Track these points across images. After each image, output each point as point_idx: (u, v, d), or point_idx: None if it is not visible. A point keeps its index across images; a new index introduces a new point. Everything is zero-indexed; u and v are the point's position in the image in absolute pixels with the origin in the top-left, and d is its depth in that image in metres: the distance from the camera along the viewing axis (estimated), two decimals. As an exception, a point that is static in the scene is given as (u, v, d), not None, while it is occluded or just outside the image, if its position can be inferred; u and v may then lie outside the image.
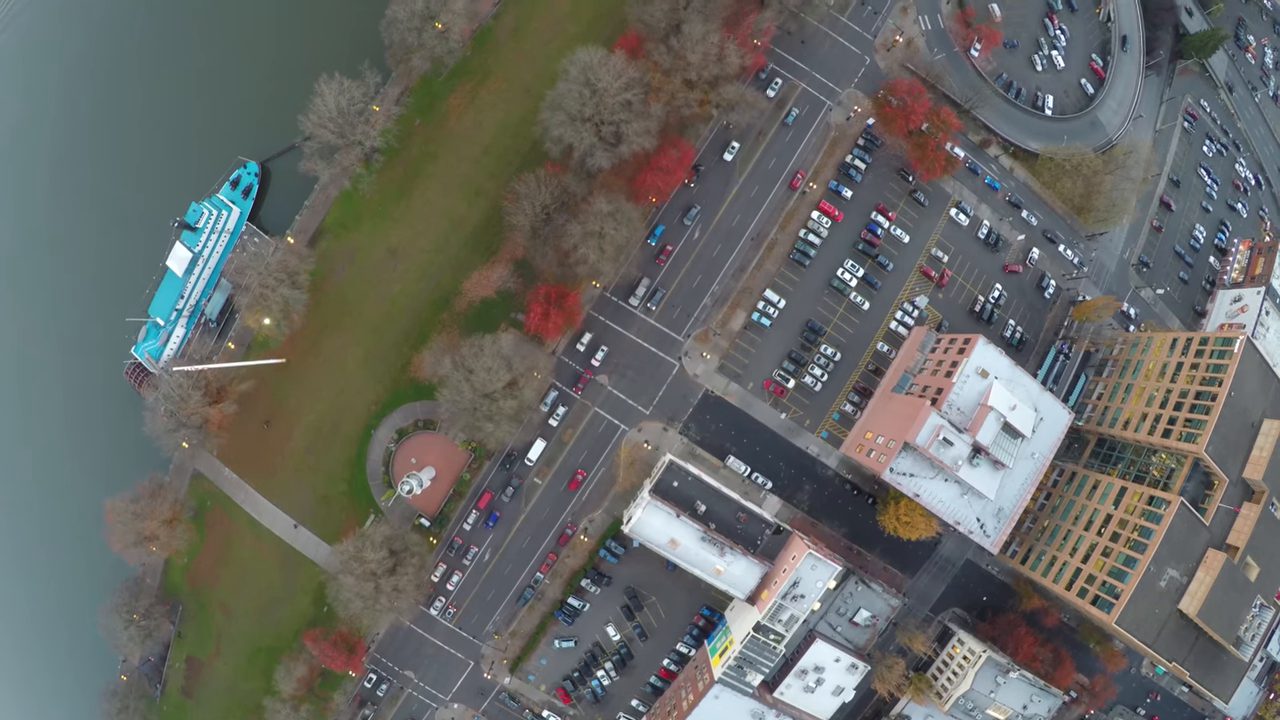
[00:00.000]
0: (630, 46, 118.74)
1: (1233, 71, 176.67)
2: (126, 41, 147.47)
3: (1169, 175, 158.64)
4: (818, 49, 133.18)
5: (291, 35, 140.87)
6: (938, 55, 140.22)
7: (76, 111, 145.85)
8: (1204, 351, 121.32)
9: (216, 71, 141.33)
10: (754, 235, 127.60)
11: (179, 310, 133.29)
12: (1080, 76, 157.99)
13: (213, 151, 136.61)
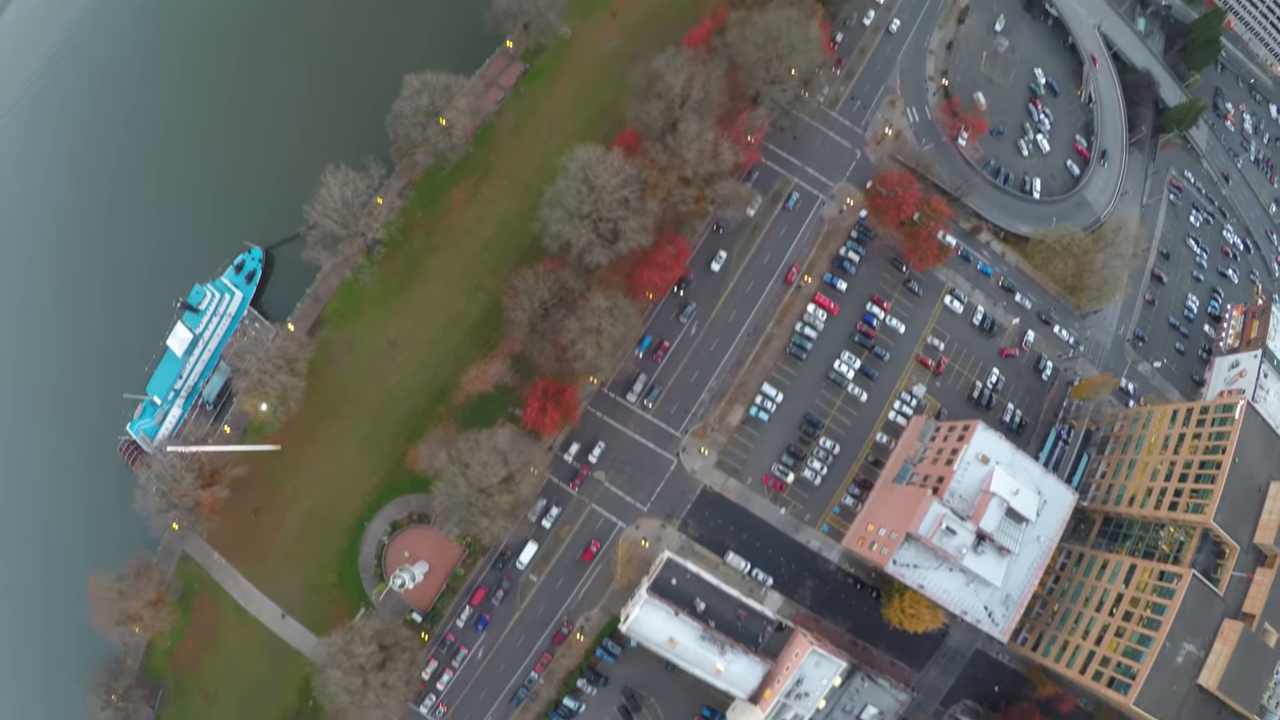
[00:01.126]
0: (628, 144, 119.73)
1: (1214, 140, 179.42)
2: (142, 122, 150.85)
3: (1158, 248, 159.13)
4: (810, 144, 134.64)
5: (300, 127, 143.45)
6: (926, 146, 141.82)
7: (87, 187, 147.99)
8: (1205, 420, 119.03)
9: (227, 157, 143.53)
10: (750, 330, 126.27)
11: (177, 390, 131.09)
12: (1066, 158, 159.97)
13: (219, 235, 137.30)
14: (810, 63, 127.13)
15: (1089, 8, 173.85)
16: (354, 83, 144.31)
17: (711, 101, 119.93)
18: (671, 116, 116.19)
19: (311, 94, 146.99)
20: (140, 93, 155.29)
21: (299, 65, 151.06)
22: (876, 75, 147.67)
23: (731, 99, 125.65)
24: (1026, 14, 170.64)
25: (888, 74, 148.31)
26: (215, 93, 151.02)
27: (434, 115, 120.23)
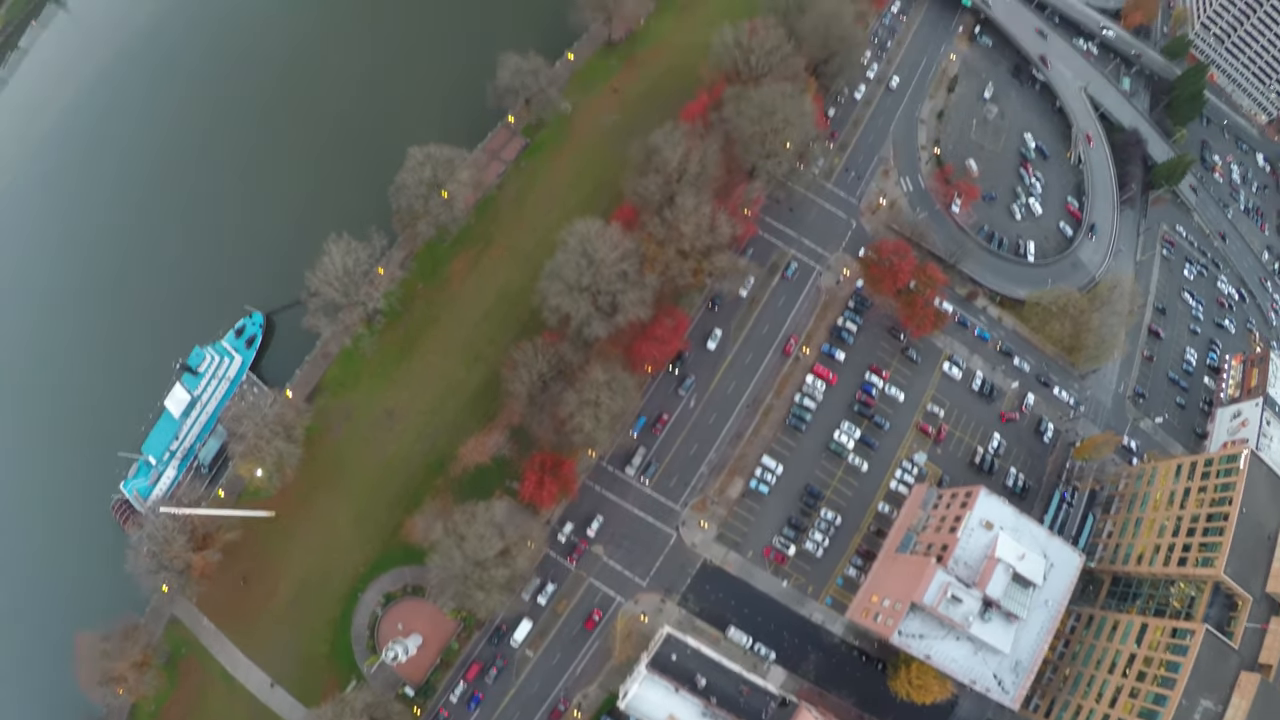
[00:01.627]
0: (626, 218, 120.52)
1: (1203, 193, 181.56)
2: (149, 185, 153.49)
3: (1154, 304, 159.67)
4: (806, 216, 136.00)
5: (305, 195, 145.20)
6: (920, 214, 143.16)
7: (94, 245, 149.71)
8: (1210, 473, 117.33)
9: (231, 223, 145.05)
10: (749, 402, 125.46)
11: (172, 451, 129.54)
12: (1059, 220, 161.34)
13: (220, 298, 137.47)
14: (805, 136, 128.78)
15: (1075, 70, 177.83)
16: (359, 153, 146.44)
17: (708, 175, 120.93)
18: (669, 190, 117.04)
19: (317, 163, 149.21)
20: (149, 156, 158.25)
21: (305, 135, 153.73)
22: (869, 146, 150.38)
23: (728, 173, 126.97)
24: (1014, 80, 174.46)
25: (880, 145, 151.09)
26: (222, 159, 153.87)
27: (436, 187, 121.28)
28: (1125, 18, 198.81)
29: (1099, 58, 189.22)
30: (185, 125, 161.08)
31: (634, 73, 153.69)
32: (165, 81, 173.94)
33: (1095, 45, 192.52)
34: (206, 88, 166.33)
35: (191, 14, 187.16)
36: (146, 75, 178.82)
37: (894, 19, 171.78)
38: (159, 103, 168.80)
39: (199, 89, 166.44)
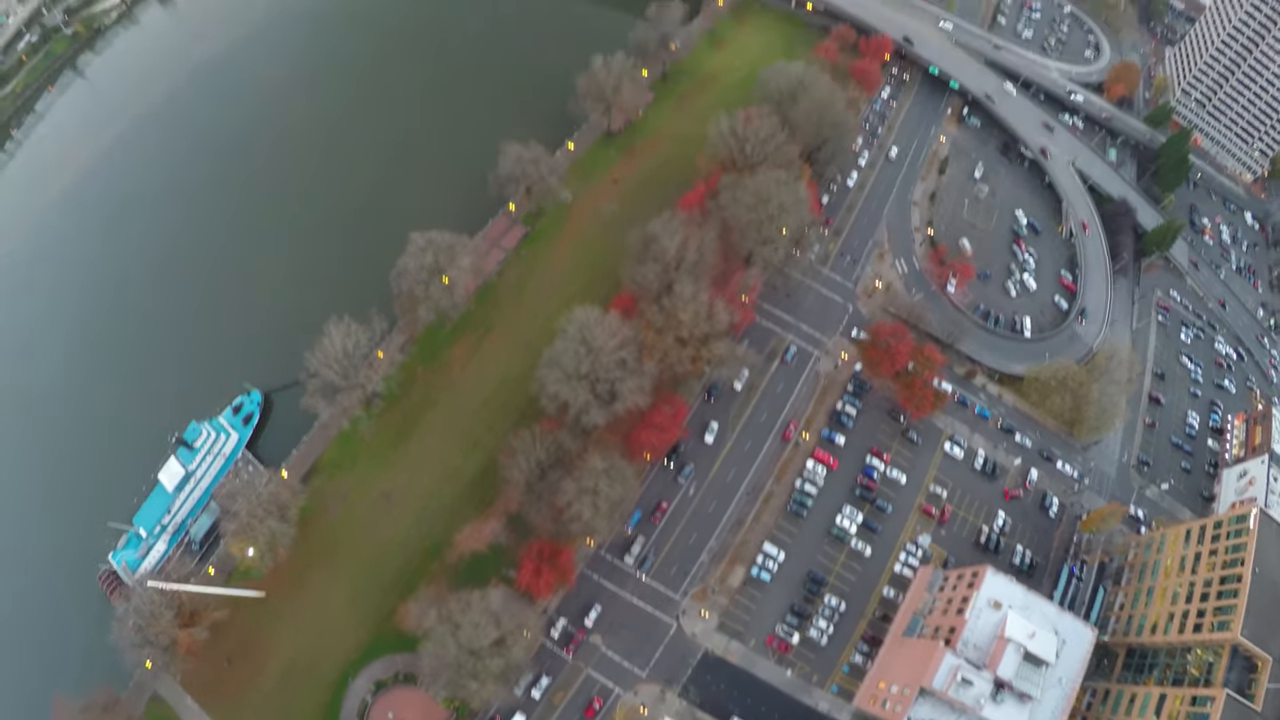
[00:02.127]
0: (625, 306, 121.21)
1: (1195, 256, 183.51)
2: (154, 259, 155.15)
3: (1153, 370, 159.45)
4: (803, 301, 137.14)
5: (308, 275, 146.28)
6: (916, 295, 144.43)
7: (97, 313, 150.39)
8: (1220, 535, 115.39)
9: (233, 300, 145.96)
10: (749, 489, 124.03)
11: (164, 525, 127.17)
12: (1053, 294, 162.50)
13: (219, 375, 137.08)
14: (800, 222, 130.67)
15: (1061, 145, 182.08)
16: (362, 236, 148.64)
17: (706, 263, 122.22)
18: (667, 278, 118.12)
19: (320, 244, 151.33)
20: (156, 229, 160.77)
21: (310, 215, 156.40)
22: (864, 230, 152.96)
23: (725, 260, 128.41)
24: (1003, 158, 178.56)
25: (874, 228, 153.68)
26: (229, 237, 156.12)
27: (437, 273, 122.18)
28: (1108, 90, 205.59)
29: (1084, 131, 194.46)
30: (193, 200, 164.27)
31: (633, 162, 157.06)
32: (176, 156, 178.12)
33: (1080, 119, 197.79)
34: (216, 164, 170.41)
35: (206, 90, 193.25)
36: (158, 149, 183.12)
37: (884, 104, 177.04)
38: (169, 177, 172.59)
39: (209, 165, 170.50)
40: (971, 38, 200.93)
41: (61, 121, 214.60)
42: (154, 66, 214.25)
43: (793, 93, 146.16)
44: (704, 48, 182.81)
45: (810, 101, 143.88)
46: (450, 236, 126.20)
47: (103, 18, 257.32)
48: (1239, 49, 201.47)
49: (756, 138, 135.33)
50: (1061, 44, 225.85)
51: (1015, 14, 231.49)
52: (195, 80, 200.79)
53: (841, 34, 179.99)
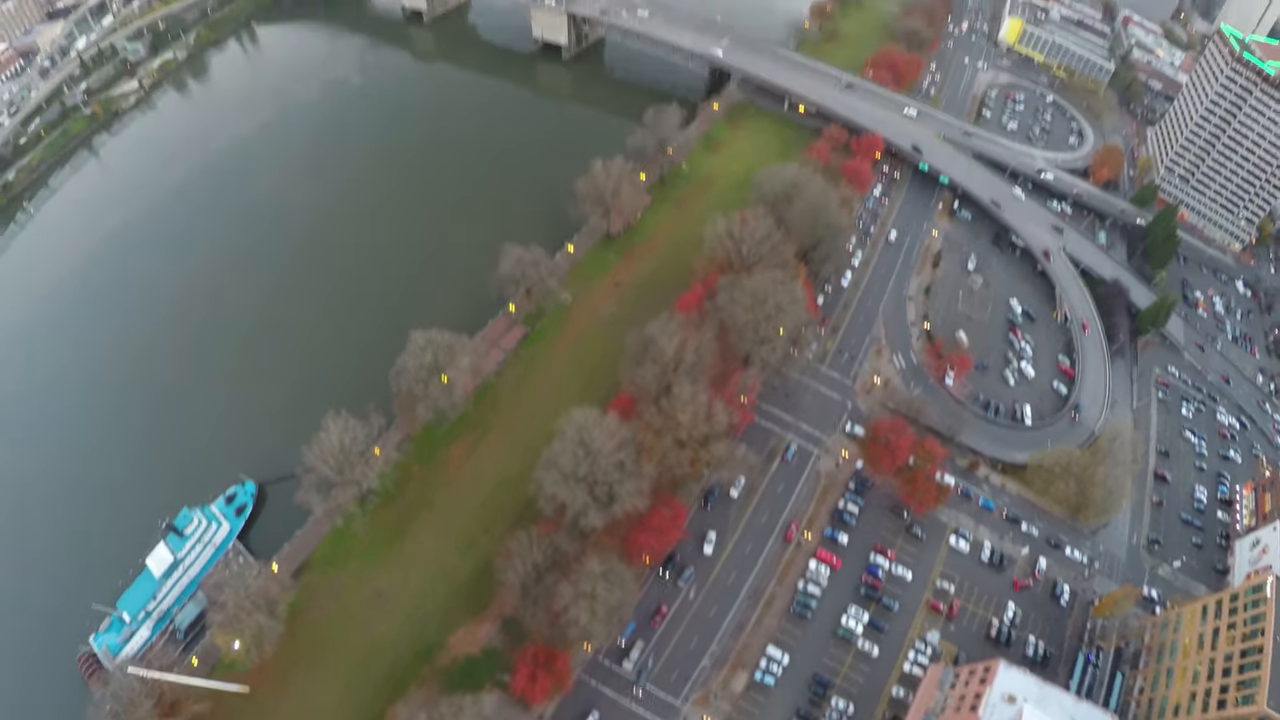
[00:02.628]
0: (624, 407, 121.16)
1: (1189, 330, 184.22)
2: (160, 342, 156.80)
3: (1156, 448, 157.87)
4: (801, 400, 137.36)
5: (307, 369, 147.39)
6: (915, 390, 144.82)
7: (95, 392, 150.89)
8: (1237, 608, 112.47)
9: (232, 390, 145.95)
10: (751, 592, 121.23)
11: (148, 612, 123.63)
12: (1052, 379, 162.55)
13: (214, 463, 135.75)
14: (797, 321, 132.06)
15: (1051, 233, 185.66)
16: (362, 333, 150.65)
17: (704, 364, 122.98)
18: (666, 380, 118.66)
19: (320, 339, 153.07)
20: (161, 314, 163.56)
21: (312, 311, 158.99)
22: (861, 327, 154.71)
23: (723, 361, 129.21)
24: (995, 249, 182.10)
25: (871, 325, 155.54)
26: (230, 326, 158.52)
27: (436, 372, 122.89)
28: (1094, 174, 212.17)
29: (1073, 216, 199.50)
30: (199, 287, 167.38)
31: (631, 265, 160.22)
32: (183, 243, 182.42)
33: (1068, 204, 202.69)
34: (223, 252, 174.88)
35: (217, 181, 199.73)
36: (166, 234, 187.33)
37: (877, 202, 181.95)
38: (175, 262, 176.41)
39: (215, 253, 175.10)
40: (959, 133, 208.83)
41: (73, 199, 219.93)
42: (167, 154, 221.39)
43: (787, 194, 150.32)
44: (700, 152, 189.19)
45: (804, 202, 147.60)
46: (450, 336, 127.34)
47: (121, 101, 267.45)
48: (1217, 122, 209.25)
49: (752, 239, 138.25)
50: (1046, 133, 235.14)
51: (999, 107, 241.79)
52: (207, 170, 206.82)
53: (833, 134, 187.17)
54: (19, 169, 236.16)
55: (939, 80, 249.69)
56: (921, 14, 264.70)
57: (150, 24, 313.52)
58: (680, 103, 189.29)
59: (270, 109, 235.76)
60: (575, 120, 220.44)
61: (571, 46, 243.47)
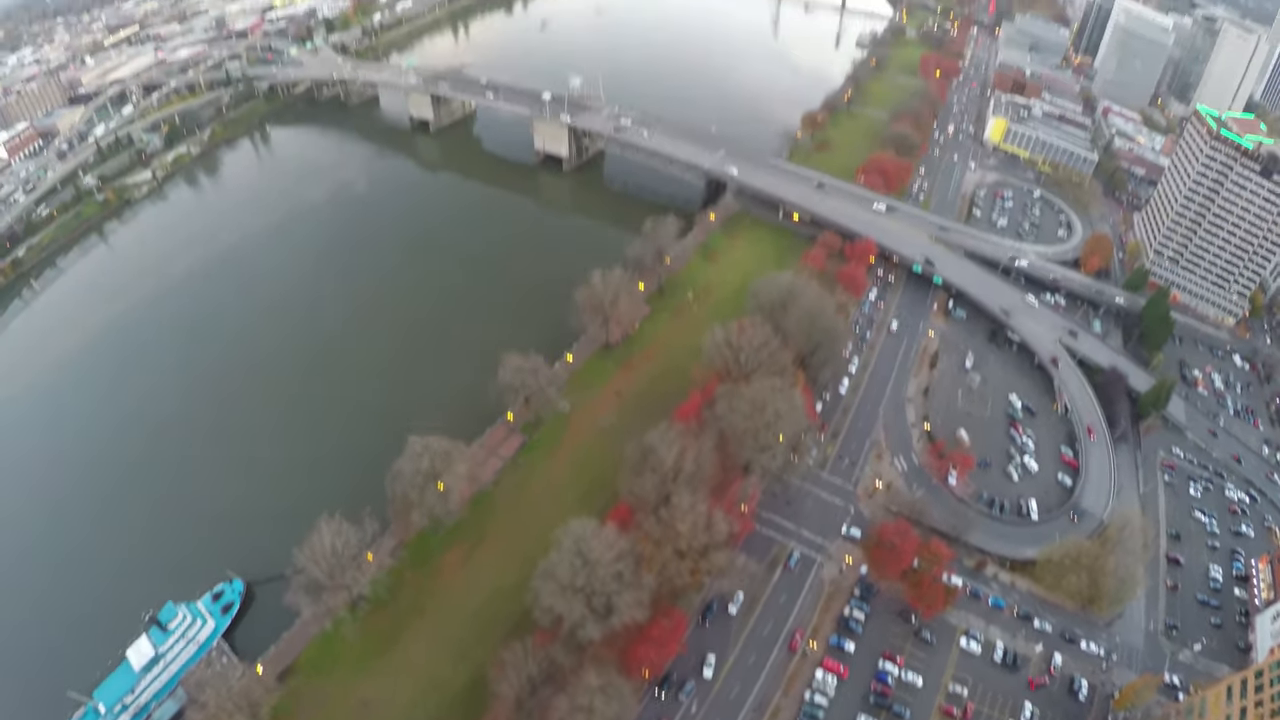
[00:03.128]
0: (622, 517, 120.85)
1: (1191, 409, 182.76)
2: (154, 433, 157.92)
3: (1167, 531, 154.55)
4: (803, 506, 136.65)
5: (302, 470, 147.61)
6: (918, 492, 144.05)
7: (87, 475, 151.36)
8: (1263, 684, 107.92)
9: (226, 485, 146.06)
10: (756, 705, 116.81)
11: (125, 705, 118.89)
12: (1056, 472, 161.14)
13: (202, 559, 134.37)
14: (797, 428, 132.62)
15: (1046, 325, 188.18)
16: (359, 436, 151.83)
17: (704, 473, 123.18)
18: (665, 489, 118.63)
19: (317, 440, 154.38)
20: (157, 404, 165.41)
21: (309, 411, 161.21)
22: (861, 431, 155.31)
23: (723, 470, 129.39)
24: (991, 345, 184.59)
25: (871, 428, 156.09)
26: (226, 421, 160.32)
27: (433, 478, 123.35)
28: (1085, 264, 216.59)
29: (1067, 307, 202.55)
30: (196, 380, 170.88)
31: (630, 374, 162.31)
32: (182, 334, 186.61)
33: (1062, 296, 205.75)
34: (221, 347, 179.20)
35: (220, 275, 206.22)
36: (166, 324, 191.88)
37: (872, 306, 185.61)
38: (173, 353, 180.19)
39: (214, 347, 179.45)
40: (950, 232, 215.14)
41: (80, 281, 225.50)
42: (175, 245, 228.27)
43: (784, 301, 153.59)
44: (698, 261, 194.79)
45: (801, 309, 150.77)
46: (447, 443, 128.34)
47: (134, 190, 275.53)
48: (1200, 201, 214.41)
49: (750, 347, 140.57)
50: (1035, 228, 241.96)
51: (989, 206, 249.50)
52: (213, 265, 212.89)
53: (827, 241, 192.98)
54: (29, 246, 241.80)
55: (929, 183, 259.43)
56: (909, 120, 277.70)
57: (167, 117, 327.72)
58: (678, 213, 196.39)
59: (278, 209, 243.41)
60: (575, 230, 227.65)
61: (572, 158, 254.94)
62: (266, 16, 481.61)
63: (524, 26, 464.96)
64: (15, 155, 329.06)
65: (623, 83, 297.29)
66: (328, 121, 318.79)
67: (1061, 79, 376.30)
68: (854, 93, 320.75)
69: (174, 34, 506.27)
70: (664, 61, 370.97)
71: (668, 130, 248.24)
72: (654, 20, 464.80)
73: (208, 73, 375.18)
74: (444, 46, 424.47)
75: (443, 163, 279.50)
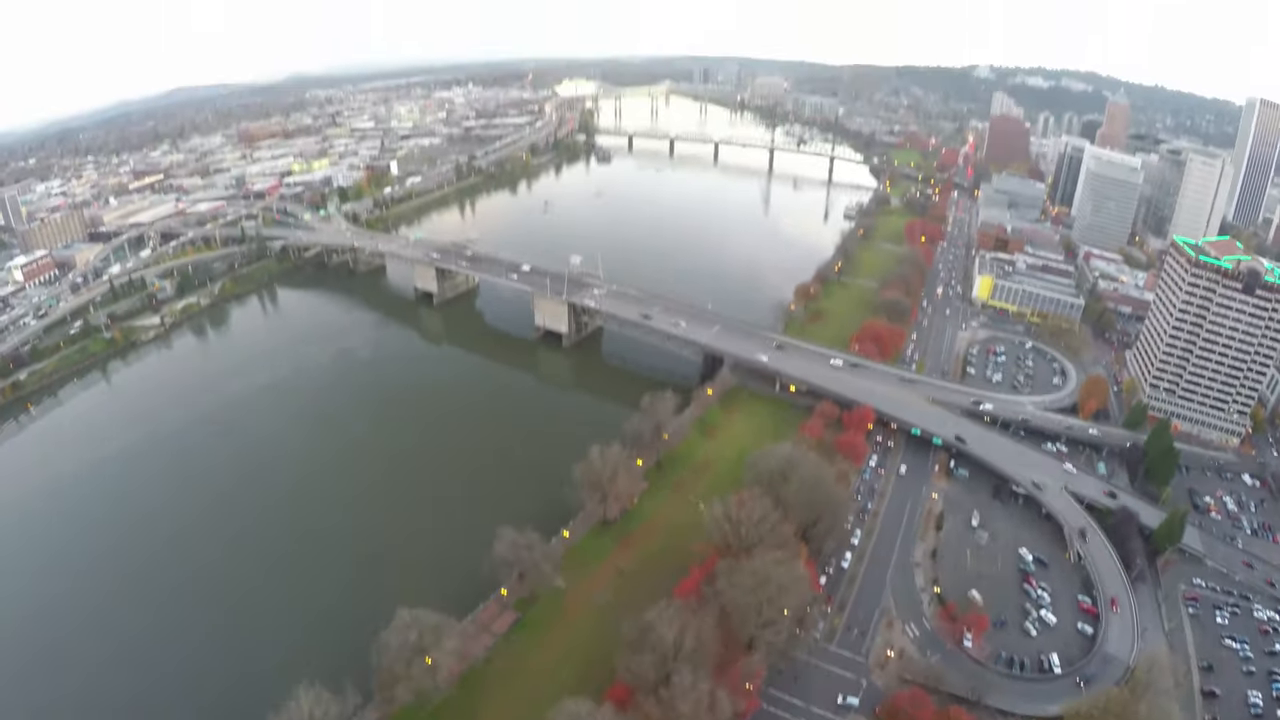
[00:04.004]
0: (619, 698, 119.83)
1: (1207, 536, 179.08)
2: (128, 580, 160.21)
3: (1198, 665, 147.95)
4: (811, 682, 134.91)
5: (287, 631, 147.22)
6: (933, 657, 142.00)
7: (53, 613, 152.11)
8: None
9: (203, 644, 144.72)
10: None
11: None
12: (1075, 621, 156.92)
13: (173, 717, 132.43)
14: (801, 600, 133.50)
15: (1051, 475, 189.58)
16: (346, 603, 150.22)
17: (705, 650, 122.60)
18: (665, 668, 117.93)
19: (302, 604, 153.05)
20: (132, 553, 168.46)
21: (296, 574, 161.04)
22: (869, 600, 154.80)
23: (726, 646, 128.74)
24: (996, 501, 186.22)
25: (879, 596, 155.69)
26: (208, 574, 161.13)
27: (421, 652, 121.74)
28: (1082, 408, 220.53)
29: (1070, 453, 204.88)
30: (184, 532, 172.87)
31: (628, 550, 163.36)
32: (177, 482, 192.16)
33: (1063, 444, 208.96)
34: (214, 501, 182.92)
35: (220, 429, 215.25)
36: (159, 471, 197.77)
37: (873, 473, 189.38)
38: (159, 504, 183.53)
39: (207, 500, 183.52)
40: (947, 393, 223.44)
41: (77, 414, 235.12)
42: (175, 393, 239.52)
43: (783, 473, 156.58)
44: (696, 436, 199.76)
45: (800, 480, 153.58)
46: (437, 617, 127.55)
47: (141, 332, 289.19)
48: (1189, 328, 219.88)
49: (750, 520, 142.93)
50: (1030, 379, 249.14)
51: (982, 363, 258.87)
52: (211, 417, 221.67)
53: (825, 411, 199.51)
54: (32, 371, 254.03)
55: (922, 347, 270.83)
56: (899, 286, 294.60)
57: (181, 266, 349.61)
58: (676, 388, 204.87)
59: (281, 367, 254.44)
60: (574, 405, 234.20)
61: (571, 335, 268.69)
62: (284, 180, 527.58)
63: (527, 206, 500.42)
64: (31, 280, 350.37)
65: (621, 260, 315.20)
66: (335, 287, 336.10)
67: (1041, 231, 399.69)
68: (844, 263, 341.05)
69: (195, 187, 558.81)
70: (660, 239, 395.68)
71: (666, 307, 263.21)
72: (650, 201, 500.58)
73: (224, 228, 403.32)
74: (451, 222, 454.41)
75: (445, 335, 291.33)
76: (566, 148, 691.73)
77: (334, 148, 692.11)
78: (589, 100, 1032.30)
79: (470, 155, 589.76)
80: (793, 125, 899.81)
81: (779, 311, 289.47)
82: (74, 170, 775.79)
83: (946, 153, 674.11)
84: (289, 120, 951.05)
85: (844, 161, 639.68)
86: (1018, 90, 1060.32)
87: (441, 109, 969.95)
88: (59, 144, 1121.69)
